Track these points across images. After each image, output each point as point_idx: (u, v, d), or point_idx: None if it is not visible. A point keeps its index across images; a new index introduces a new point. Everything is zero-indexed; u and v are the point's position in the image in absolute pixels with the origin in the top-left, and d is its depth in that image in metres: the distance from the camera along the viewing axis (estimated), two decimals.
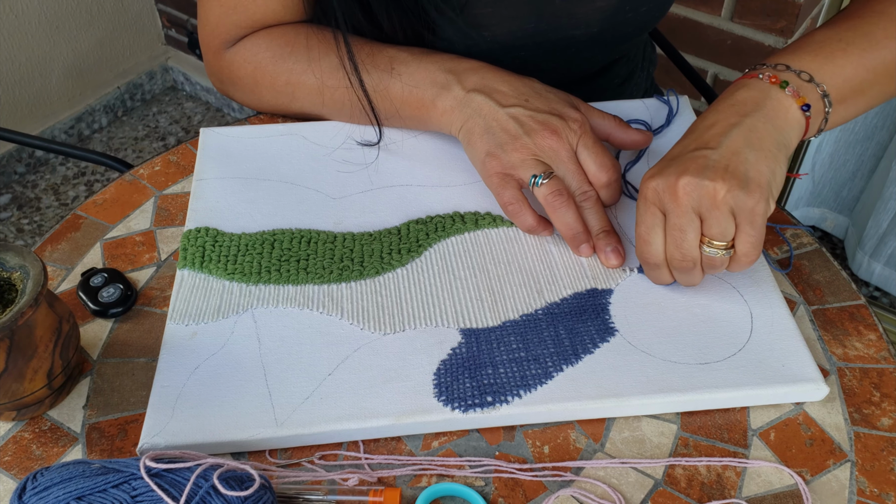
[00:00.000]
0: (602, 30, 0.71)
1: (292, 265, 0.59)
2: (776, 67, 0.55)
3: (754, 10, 1.24)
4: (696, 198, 0.50)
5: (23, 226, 1.75)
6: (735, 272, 0.56)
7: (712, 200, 0.49)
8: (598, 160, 0.59)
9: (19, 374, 0.48)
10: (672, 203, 0.50)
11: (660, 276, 0.55)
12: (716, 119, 0.53)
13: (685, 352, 0.53)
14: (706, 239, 0.51)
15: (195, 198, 0.64)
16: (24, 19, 1.71)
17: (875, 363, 0.54)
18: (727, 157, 0.50)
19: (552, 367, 0.52)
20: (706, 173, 0.49)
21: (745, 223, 0.50)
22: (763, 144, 0.51)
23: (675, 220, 0.51)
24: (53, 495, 0.41)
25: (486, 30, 0.68)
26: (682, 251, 0.51)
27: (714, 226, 0.50)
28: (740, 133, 0.52)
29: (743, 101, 0.54)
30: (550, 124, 0.59)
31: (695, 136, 0.53)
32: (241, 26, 0.70)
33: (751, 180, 0.49)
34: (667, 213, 0.51)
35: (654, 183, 0.51)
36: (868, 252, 1.45)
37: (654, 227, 0.52)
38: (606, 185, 0.59)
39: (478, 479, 0.48)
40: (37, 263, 0.48)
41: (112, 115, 2.00)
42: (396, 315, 0.55)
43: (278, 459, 0.49)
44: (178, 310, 0.56)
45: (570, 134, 0.59)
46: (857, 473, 0.49)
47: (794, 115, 0.54)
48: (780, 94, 0.54)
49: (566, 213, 0.57)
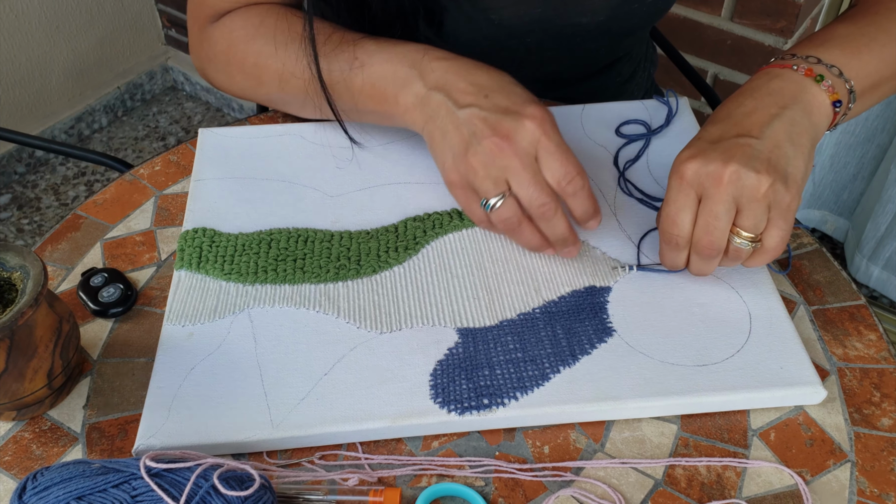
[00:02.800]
0: (608, 18, 0.71)
1: (289, 265, 0.59)
2: (808, 59, 0.55)
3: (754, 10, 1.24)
4: (740, 187, 0.49)
5: (23, 226, 1.75)
6: (746, 268, 0.56)
7: (754, 193, 0.49)
8: (561, 167, 0.52)
9: (19, 374, 0.48)
10: (714, 188, 0.49)
11: (676, 259, 0.54)
12: (755, 106, 0.53)
13: (683, 353, 0.53)
14: (736, 229, 0.51)
15: (193, 198, 0.64)
16: (24, 19, 1.71)
17: (875, 363, 0.54)
18: (770, 149, 0.50)
19: (549, 368, 0.52)
20: (752, 164, 0.49)
21: (779, 218, 0.50)
22: (801, 139, 0.51)
23: (713, 206, 0.50)
24: (53, 495, 0.41)
25: (493, 13, 0.68)
26: (712, 237, 0.50)
27: (750, 217, 0.50)
28: (782, 125, 0.51)
29: (780, 92, 0.53)
30: (502, 128, 0.52)
31: (733, 120, 0.52)
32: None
33: (789, 176, 0.50)
34: (705, 197, 0.50)
35: (696, 165, 0.50)
36: (866, 255, 1.45)
37: (686, 209, 0.51)
38: (572, 195, 0.53)
39: (478, 480, 0.48)
40: (37, 263, 0.48)
41: (112, 115, 2.00)
42: (393, 314, 0.55)
43: (278, 459, 0.49)
44: (175, 311, 0.56)
45: (525, 136, 0.52)
46: (857, 474, 0.49)
47: (826, 111, 0.54)
48: (815, 88, 0.53)
49: (521, 235, 0.55)
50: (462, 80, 0.56)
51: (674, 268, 0.55)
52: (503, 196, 0.53)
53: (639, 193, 0.64)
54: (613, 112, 0.72)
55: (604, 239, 0.61)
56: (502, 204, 0.53)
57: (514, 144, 0.52)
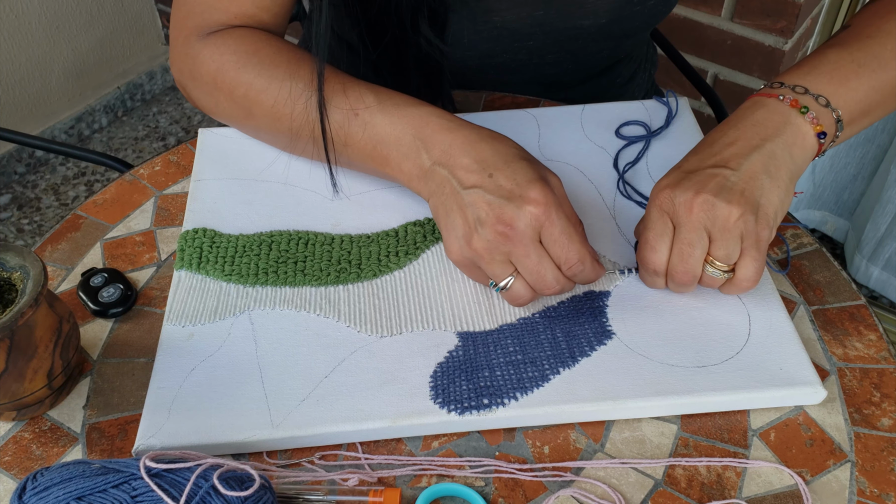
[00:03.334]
0: (610, 21, 0.71)
1: (290, 267, 0.59)
2: (795, 89, 0.55)
3: (754, 10, 1.24)
4: (711, 217, 0.50)
5: (23, 226, 1.75)
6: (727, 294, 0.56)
7: (725, 223, 0.50)
8: (562, 254, 0.52)
9: (19, 374, 0.48)
10: (686, 217, 0.51)
11: (655, 282, 0.55)
12: (736, 137, 0.53)
13: (683, 355, 0.53)
14: (710, 258, 0.52)
15: (193, 199, 0.64)
16: (24, 19, 1.71)
17: (875, 363, 0.54)
18: (745, 181, 0.51)
19: (549, 369, 0.52)
20: (723, 194, 0.50)
21: (750, 247, 0.51)
22: (779, 173, 0.52)
23: (686, 234, 0.51)
24: (53, 495, 0.41)
25: (495, 14, 0.68)
26: (687, 266, 0.52)
27: (722, 247, 0.51)
28: (760, 158, 0.52)
29: (763, 123, 0.54)
30: (505, 217, 0.51)
31: (713, 150, 0.53)
32: (219, 10, 0.64)
33: (761, 207, 0.50)
34: (678, 225, 0.51)
35: (671, 194, 0.51)
36: (866, 256, 1.45)
37: (663, 236, 0.52)
38: (575, 276, 0.53)
39: (478, 480, 0.48)
40: (37, 263, 0.48)
41: (112, 115, 2.00)
42: (393, 318, 0.55)
43: (278, 460, 0.49)
44: (175, 311, 0.56)
45: (528, 223, 0.51)
46: (857, 474, 0.49)
47: (810, 143, 0.54)
48: (799, 119, 0.54)
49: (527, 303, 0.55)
50: (466, 155, 0.54)
51: (654, 287, 0.56)
52: (512, 277, 0.53)
53: (638, 196, 0.64)
54: (613, 113, 0.72)
55: (603, 243, 0.61)
56: (512, 285, 0.53)
57: (516, 232, 0.51)
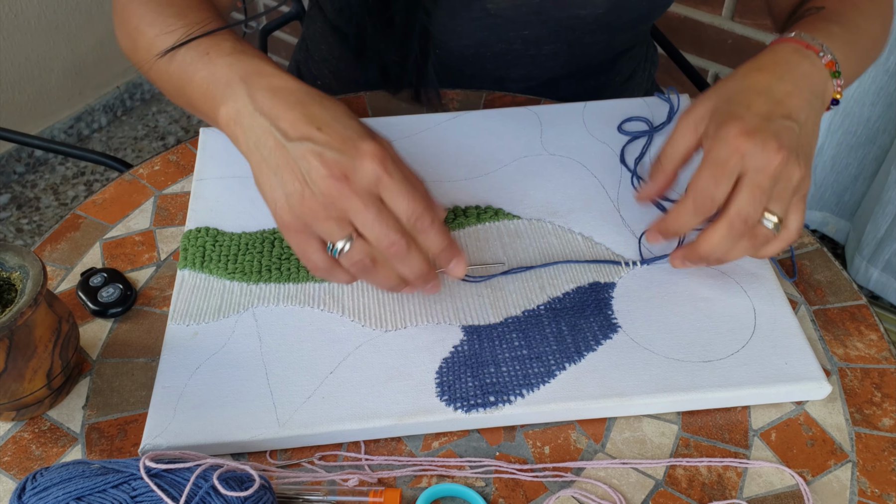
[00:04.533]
0: (607, 11, 0.70)
1: (293, 263, 0.59)
2: (825, 48, 0.56)
3: (755, 9, 1.24)
4: (786, 175, 0.50)
5: (22, 226, 1.75)
6: (761, 258, 0.56)
7: (788, 181, 0.50)
8: (407, 205, 0.48)
9: (19, 374, 0.47)
10: (765, 164, 0.49)
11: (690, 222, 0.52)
12: (793, 87, 0.53)
13: (688, 349, 0.52)
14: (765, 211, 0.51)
15: (195, 198, 0.64)
16: (24, 19, 1.71)
17: (876, 363, 0.54)
18: (805, 139, 0.52)
19: (555, 365, 0.52)
20: (796, 152, 0.50)
21: (800, 202, 0.52)
22: (816, 131, 0.54)
23: (760, 179, 0.49)
24: (53, 495, 0.41)
25: (490, 1, 0.68)
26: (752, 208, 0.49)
27: (780, 203, 0.51)
28: (813, 115, 0.53)
29: (810, 77, 0.54)
30: (340, 167, 0.47)
31: (776, 99, 0.52)
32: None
33: (808, 164, 0.52)
34: (751, 169, 0.49)
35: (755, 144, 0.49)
36: (866, 257, 1.45)
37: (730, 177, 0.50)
38: (422, 233, 0.49)
39: (478, 480, 0.48)
40: (36, 263, 0.48)
41: (111, 114, 2.00)
42: (398, 312, 0.55)
43: (278, 460, 0.49)
44: (179, 310, 0.56)
45: (364, 175, 0.47)
46: (858, 474, 0.48)
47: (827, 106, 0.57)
48: (831, 83, 0.56)
49: (377, 276, 0.50)
50: (291, 109, 0.50)
51: (678, 233, 0.53)
52: (350, 238, 0.48)
53: None
54: (615, 109, 0.72)
55: (607, 234, 0.61)
56: (351, 246, 0.48)
57: (353, 184, 0.47)
